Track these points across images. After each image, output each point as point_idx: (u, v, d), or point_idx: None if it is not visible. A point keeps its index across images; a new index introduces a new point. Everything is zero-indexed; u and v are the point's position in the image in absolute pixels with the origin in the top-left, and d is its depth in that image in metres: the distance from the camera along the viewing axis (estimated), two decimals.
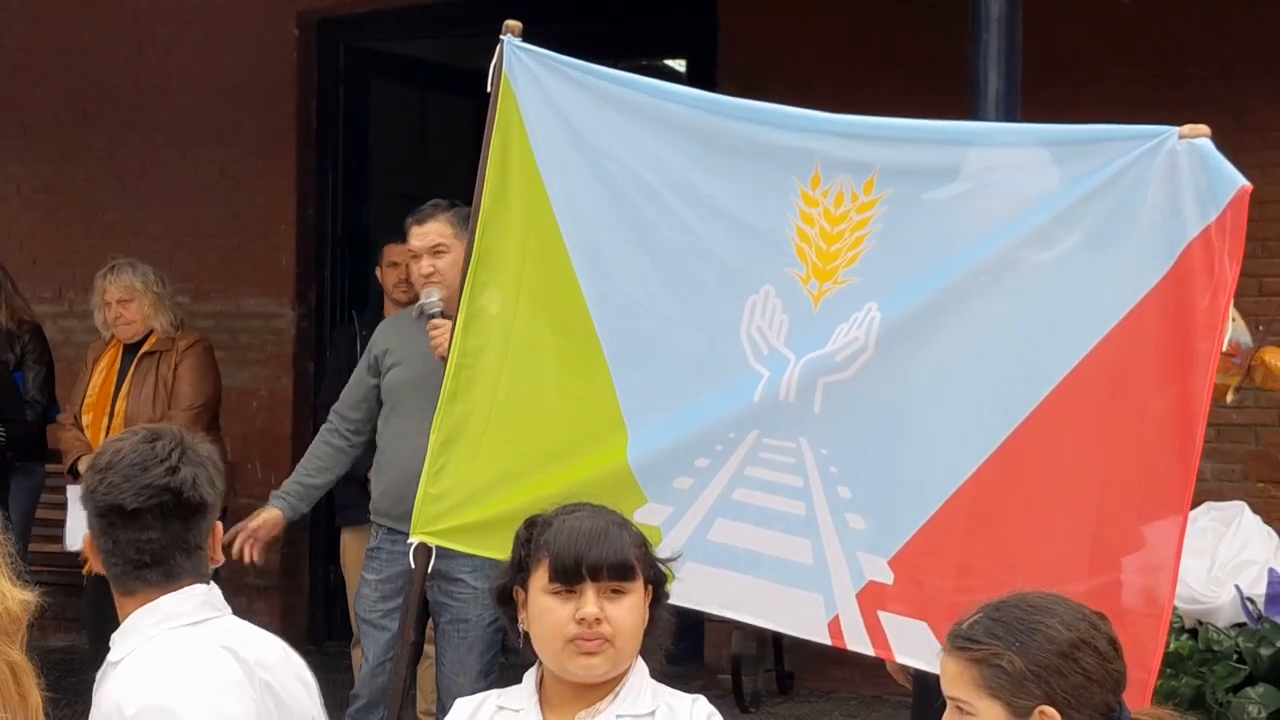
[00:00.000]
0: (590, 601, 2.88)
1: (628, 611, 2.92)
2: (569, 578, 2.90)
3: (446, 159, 9.31)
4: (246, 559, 5.35)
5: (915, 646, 3.84)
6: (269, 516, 5.46)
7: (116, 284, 6.69)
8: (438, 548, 5.16)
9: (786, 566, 3.99)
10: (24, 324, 7.26)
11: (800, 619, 4.01)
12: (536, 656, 2.99)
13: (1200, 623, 4.36)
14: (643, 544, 2.98)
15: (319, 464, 5.59)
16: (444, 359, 5.15)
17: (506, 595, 3.01)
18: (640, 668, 2.98)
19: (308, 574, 8.87)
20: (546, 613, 2.91)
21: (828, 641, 3.98)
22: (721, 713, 3.05)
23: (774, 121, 4.10)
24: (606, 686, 2.94)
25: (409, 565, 5.35)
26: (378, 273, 7.02)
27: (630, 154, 4.21)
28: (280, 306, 8.83)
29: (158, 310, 6.71)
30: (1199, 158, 3.63)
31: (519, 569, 2.98)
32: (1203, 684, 4.21)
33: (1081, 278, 3.75)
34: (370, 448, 5.68)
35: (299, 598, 8.82)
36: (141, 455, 2.77)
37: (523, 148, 4.28)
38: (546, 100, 4.27)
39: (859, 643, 3.93)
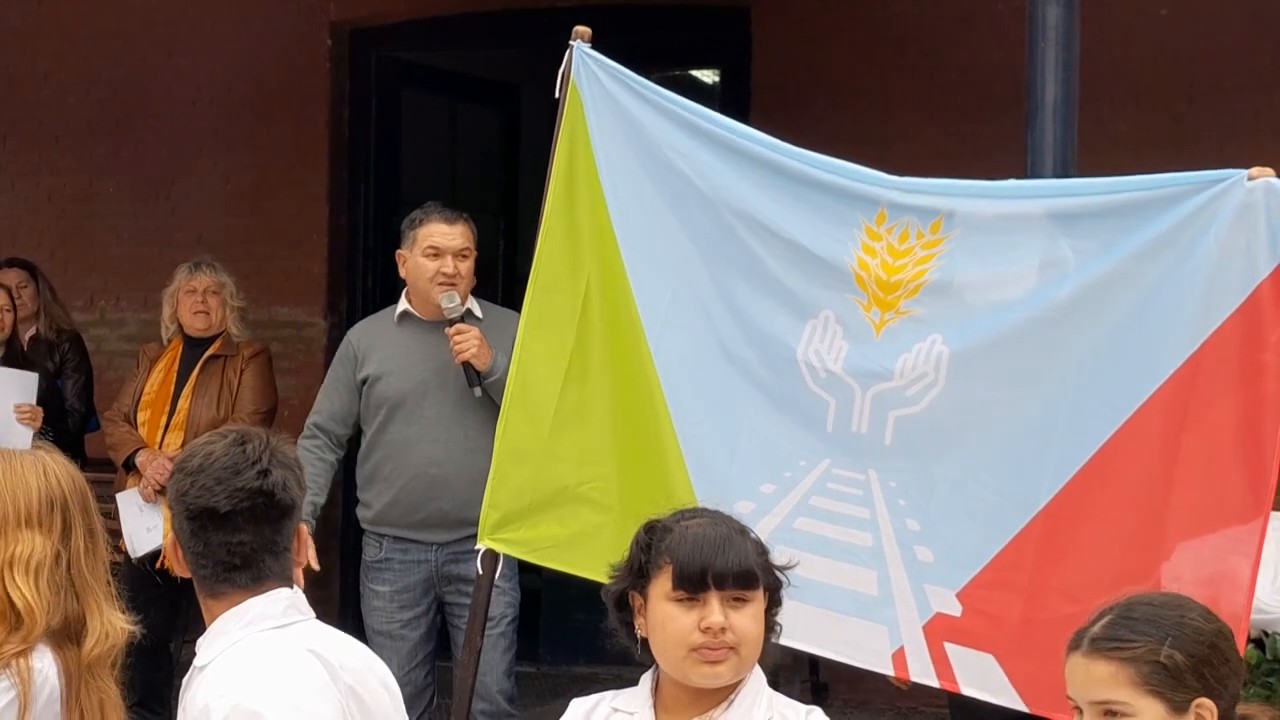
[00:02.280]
0: (715, 610, 2.86)
1: (751, 620, 2.90)
2: (694, 586, 2.87)
3: (477, 169, 9.32)
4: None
5: (981, 678, 3.83)
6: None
7: (208, 276, 6.72)
8: (451, 551, 5.20)
9: (851, 597, 3.99)
10: (63, 333, 7.30)
11: (863, 650, 4.00)
12: (653, 662, 2.97)
13: (1266, 633, 4.35)
14: (763, 551, 2.97)
15: (321, 483, 5.37)
16: (465, 364, 5.16)
17: (622, 600, 2.99)
18: (757, 675, 2.96)
19: (337, 585, 8.83)
20: (669, 620, 2.88)
21: (891, 673, 3.98)
22: None
23: (839, 171, 4.12)
24: (723, 693, 2.92)
25: (428, 573, 5.37)
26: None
27: (692, 169, 4.21)
28: (311, 316, 8.81)
29: (234, 317, 6.77)
30: (1276, 197, 3.65)
31: (639, 575, 2.95)
32: (1270, 694, 4.21)
33: (1152, 316, 3.76)
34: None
35: (328, 608, 8.75)
36: (233, 458, 2.77)
37: (586, 154, 4.28)
38: (613, 107, 4.27)
39: (924, 674, 3.93)
